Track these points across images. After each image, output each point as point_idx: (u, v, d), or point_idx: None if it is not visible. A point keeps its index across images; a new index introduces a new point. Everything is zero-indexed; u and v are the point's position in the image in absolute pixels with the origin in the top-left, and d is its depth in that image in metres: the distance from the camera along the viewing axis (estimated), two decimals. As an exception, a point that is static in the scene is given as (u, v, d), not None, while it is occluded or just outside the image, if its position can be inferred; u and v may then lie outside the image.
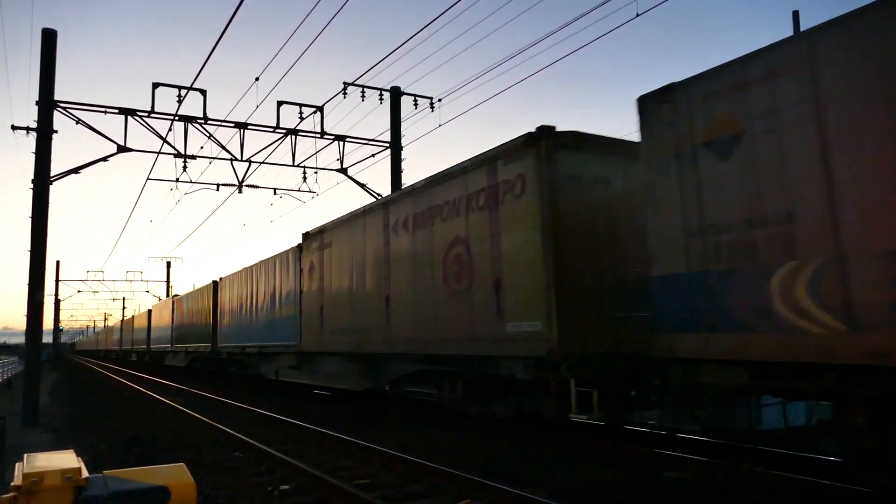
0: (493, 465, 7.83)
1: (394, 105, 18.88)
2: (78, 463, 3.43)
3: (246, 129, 17.20)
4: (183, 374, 32.01)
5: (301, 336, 15.96)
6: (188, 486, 3.49)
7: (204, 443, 10.62)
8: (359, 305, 13.06)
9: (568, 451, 8.76)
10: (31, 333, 14.93)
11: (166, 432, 11.78)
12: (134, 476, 3.49)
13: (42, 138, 14.70)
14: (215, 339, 24.03)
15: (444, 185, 10.49)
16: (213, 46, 11.09)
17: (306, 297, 15.79)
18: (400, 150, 18.94)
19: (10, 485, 3.23)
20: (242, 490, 7.29)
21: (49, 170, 14.79)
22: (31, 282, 14.74)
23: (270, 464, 8.58)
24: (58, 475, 3.23)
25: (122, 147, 15.84)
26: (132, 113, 15.90)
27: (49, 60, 14.96)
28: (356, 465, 8.52)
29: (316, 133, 17.93)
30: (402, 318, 11.48)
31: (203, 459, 8.94)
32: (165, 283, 57.69)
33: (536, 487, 6.72)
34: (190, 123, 16.50)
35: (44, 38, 15.04)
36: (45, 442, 11.52)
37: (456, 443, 9.63)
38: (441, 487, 6.99)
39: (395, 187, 18.65)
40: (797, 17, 18.26)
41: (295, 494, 7.11)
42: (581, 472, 7.50)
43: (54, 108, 14.98)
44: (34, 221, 14.68)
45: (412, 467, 7.75)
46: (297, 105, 17.47)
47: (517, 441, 9.59)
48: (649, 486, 6.83)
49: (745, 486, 6.62)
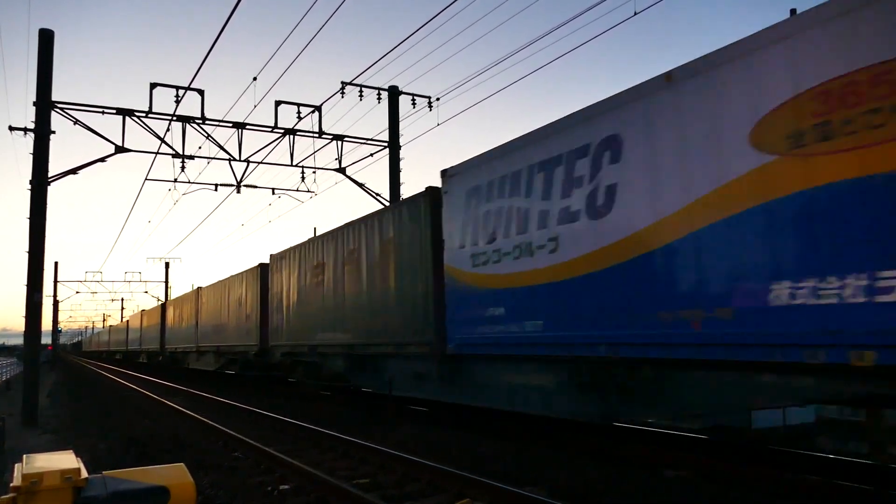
0: (492, 465, 7.83)
1: (392, 104, 18.88)
2: (77, 463, 3.42)
3: (244, 128, 17.18)
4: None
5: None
6: (188, 486, 3.48)
7: (203, 442, 10.63)
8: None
9: (567, 450, 8.76)
10: (30, 335, 14.92)
11: (165, 432, 11.78)
12: (133, 476, 3.48)
13: (40, 139, 14.67)
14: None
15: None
16: (210, 46, 11.08)
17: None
18: (398, 150, 18.93)
19: (10, 485, 3.22)
20: (242, 490, 7.29)
21: (47, 170, 14.77)
22: (30, 283, 14.71)
23: (270, 464, 8.58)
24: (57, 476, 3.23)
25: (120, 147, 15.82)
26: (130, 113, 15.87)
27: (46, 61, 14.93)
28: (355, 464, 8.52)
29: (314, 133, 17.92)
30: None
31: (203, 459, 8.94)
32: (164, 284, 57.63)
33: (536, 486, 6.72)
34: (188, 123, 16.47)
35: (41, 38, 15.01)
36: (43, 443, 11.51)
37: (455, 442, 9.63)
38: (440, 487, 6.99)
39: (394, 186, 18.65)
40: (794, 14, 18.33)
41: (294, 494, 7.11)
42: (581, 470, 7.50)
43: (52, 108, 14.95)
44: (32, 222, 14.66)
45: (411, 467, 7.75)
46: (295, 105, 17.46)
47: (517, 440, 9.60)
48: (649, 485, 6.83)
49: (745, 485, 6.63)
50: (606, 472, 7.41)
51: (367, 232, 12.97)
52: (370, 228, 12.84)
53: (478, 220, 9.41)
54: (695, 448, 8.29)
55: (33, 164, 14.67)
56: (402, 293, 11.44)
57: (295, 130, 17.64)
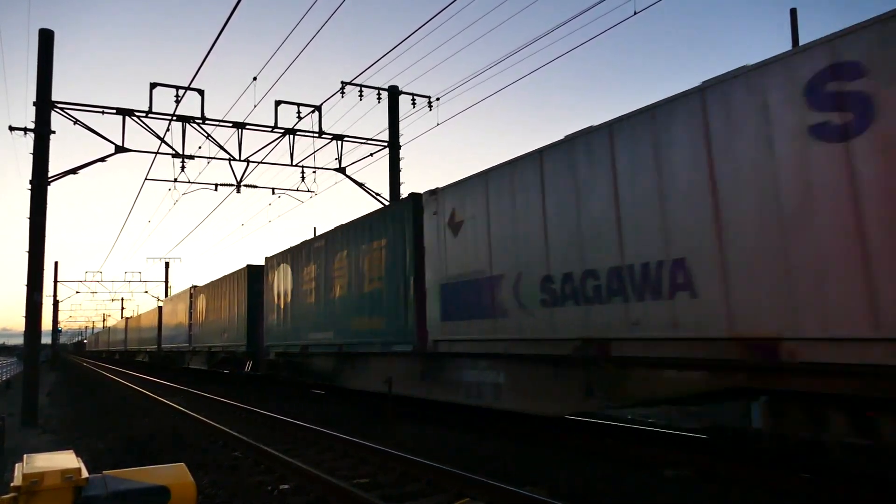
0: (492, 465, 7.84)
1: (392, 104, 18.88)
2: (78, 463, 3.42)
3: (244, 128, 17.18)
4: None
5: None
6: (188, 486, 3.48)
7: (203, 442, 10.63)
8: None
9: (567, 450, 8.77)
10: (30, 334, 14.91)
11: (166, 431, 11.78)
12: (134, 476, 3.48)
13: (40, 139, 14.68)
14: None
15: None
16: (210, 46, 11.08)
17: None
18: (398, 149, 18.93)
19: (10, 485, 3.22)
20: (242, 489, 7.29)
21: (47, 170, 14.78)
22: (30, 282, 14.72)
23: (270, 463, 8.58)
24: (58, 475, 3.23)
25: (120, 147, 15.82)
26: (130, 113, 15.88)
27: (46, 61, 14.94)
28: (355, 464, 8.53)
29: (314, 132, 17.92)
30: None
31: (203, 459, 8.95)
32: (164, 284, 57.61)
33: (536, 486, 6.72)
34: (188, 123, 16.48)
35: (41, 38, 15.02)
36: (43, 443, 11.51)
37: (455, 442, 9.64)
38: (440, 486, 6.99)
39: (394, 186, 18.65)
40: (795, 14, 18.31)
41: (294, 494, 7.12)
42: (581, 470, 7.51)
43: (52, 108, 14.96)
44: (32, 222, 14.67)
45: (411, 466, 7.76)
46: (295, 104, 17.47)
47: (517, 440, 9.60)
48: (649, 484, 6.84)
49: (745, 485, 6.63)
50: (606, 472, 7.42)
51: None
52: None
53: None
54: (695, 448, 8.29)
55: (33, 164, 14.68)
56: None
57: (295, 130, 17.64)
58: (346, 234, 13.77)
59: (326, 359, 14.72)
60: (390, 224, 12.04)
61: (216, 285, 23.85)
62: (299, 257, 16.29)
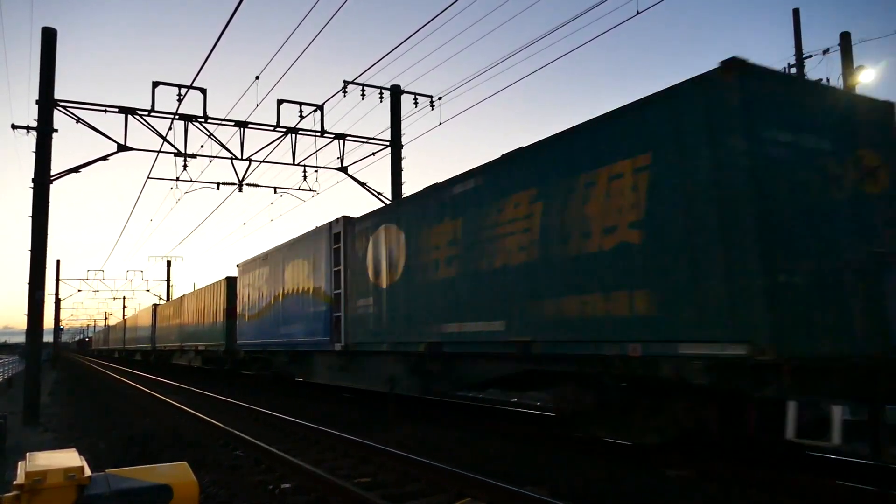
0: (492, 464, 7.84)
1: (394, 103, 18.88)
2: (80, 461, 3.43)
3: (246, 127, 17.20)
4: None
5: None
6: (190, 485, 3.49)
7: (204, 441, 10.65)
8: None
9: (567, 450, 8.77)
10: (32, 333, 14.94)
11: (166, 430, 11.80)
12: (136, 475, 3.49)
13: (42, 137, 14.69)
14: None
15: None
16: (213, 45, 11.10)
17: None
18: (400, 149, 18.94)
19: (13, 483, 3.23)
20: (243, 489, 7.31)
21: (49, 169, 14.78)
22: (32, 281, 14.73)
23: (271, 462, 8.60)
24: (60, 474, 3.24)
25: (123, 146, 15.84)
26: (132, 112, 15.90)
27: (49, 59, 14.94)
28: (356, 463, 8.54)
29: (316, 132, 17.93)
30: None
31: (204, 458, 8.96)
32: (166, 283, 57.68)
33: (536, 486, 6.73)
34: (190, 122, 16.49)
35: (43, 37, 15.02)
36: (45, 441, 11.53)
37: (455, 441, 9.65)
38: (441, 486, 7.00)
39: (396, 186, 18.66)
40: (797, 14, 18.26)
41: (295, 493, 7.13)
42: (581, 470, 7.51)
43: (54, 107, 14.97)
44: (34, 221, 14.68)
45: (412, 466, 7.77)
46: (297, 104, 17.46)
47: (517, 440, 9.61)
48: (649, 484, 6.85)
49: (745, 485, 6.64)
50: (606, 472, 7.42)
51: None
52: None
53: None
54: (695, 448, 8.29)
55: (35, 163, 14.69)
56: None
57: (297, 129, 17.65)
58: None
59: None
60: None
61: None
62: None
